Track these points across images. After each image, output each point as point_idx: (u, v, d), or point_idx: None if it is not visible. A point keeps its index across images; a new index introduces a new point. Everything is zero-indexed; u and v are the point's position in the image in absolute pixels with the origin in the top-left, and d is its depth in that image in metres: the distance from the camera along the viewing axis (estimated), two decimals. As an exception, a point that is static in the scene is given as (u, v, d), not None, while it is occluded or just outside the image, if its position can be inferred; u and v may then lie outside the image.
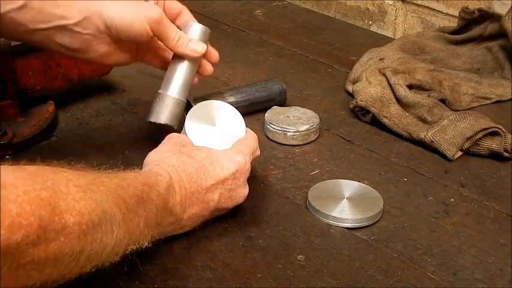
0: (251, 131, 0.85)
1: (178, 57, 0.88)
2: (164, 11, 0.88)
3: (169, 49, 0.87)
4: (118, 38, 0.82)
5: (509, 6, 1.14)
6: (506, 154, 0.95)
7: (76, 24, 0.79)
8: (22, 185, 0.51)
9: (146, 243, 0.68)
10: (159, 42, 0.87)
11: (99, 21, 0.80)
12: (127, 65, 0.91)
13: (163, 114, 0.87)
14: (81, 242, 0.55)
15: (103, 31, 0.81)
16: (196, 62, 0.89)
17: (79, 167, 0.63)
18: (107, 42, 0.83)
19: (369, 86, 1.03)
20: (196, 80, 0.91)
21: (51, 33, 0.78)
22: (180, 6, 0.90)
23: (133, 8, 0.82)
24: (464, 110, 1.06)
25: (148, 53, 0.91)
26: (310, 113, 1.02)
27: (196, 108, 0.85)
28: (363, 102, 1.02)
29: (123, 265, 0.67)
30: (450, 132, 0.95)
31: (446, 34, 1.24)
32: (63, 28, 0.79)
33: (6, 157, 0.92)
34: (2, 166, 0.51)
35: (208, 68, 0.91)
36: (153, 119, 0.87)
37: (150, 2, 0.86)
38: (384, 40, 1.33)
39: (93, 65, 1.02)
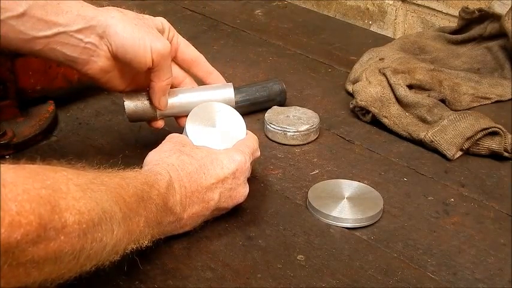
0: (251, 133, 0.85)
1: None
2: (177, 55, 0.87)
3: (151, 84, 0.84)
4: (116, 56, 0.80)
5: (509, 6, 1.14)
6: (506, 154, 0.95)
7: (78, 31, 0.78)
8: (22, 183, 0.51)
9: (146, 242, 0.68)
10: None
11: (103, 33, 0.79)
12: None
13: (134, 105, 0.86)
14: (81, 241, 0.55)
15: (105, 43, 0.80)
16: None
17: (79, 166, 0.63)
18: (107, 57, 0.81)
19: (369, 86, 1.03)
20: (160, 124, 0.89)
21: (52, 41, 0.77)
22: (196, 54, 0.89)
23: (142, 34, 0.79)
24: (464, 110, 1.06)
25: (143, 85, 0.87)
26: (310, 113, 1.02)
27: (197, 109, 0.85)
28: (363, 102, 1.03)
29: (123, 265, 0.67)
30: (450, 132, 0.95)
31: (446, 34, 1.24)
32: (64, 34, 0.77)
33: (6, 157, 0.93)
34: (2, 165, 0.51)
35: (159, 123, 0.89)
36: (127, 99, 0.86)
37: (160, 35, 0.83)
38: (383, 40, 1.33)
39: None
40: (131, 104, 0.86)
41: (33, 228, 0.50)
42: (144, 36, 0.79)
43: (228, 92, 0.88)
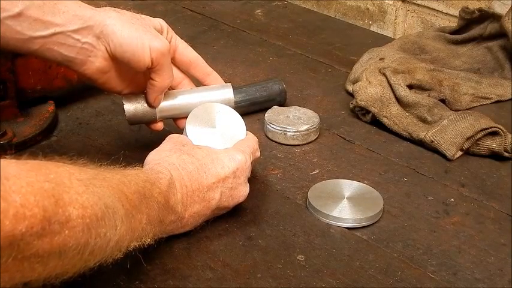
0: (251, 133, 0.85)
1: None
2: (175, 56, 0.87)
3: (151, 82, 0.83)
4: (115, 56, 0.80)
5: (509, 6, 1.14)
6: (506, 154, 0.95)
7: (75, 31, 0.78)
8: (25, 176, 0.51)
9: (149, 240, 0.68)
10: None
11: (101, 33, 0.79)
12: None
13: (134, 108, 0.86)
14: (86, 235, 0.55)
15: (102, 44, 0.79)
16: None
17: (81, 162, 0.63)
18: (105, 57, 0.81)
19: (369, 86, 1.03)
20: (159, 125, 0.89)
21: (49, 41, 0.77)
22: (194, 55, 0.88)
23: (140, 33, 0.79)
24: (464, 109, 1.06)
25: (142, 86, 0.87)
26: (310, 113, 1.02)
27: (196, 111, 0.85)
28: (363, 102, 1.03)
29: (124, 263, 0.67)
30: (450, 132, 0.95)
31: (446, 34, 1.24)
32: (61, 35, 0.77)
33: (6, 157, 0.92)
34: (3, 159, 0.51)
35: (158, 125, 0.89)
36: (127, 102, 0.86)
37: (159, 34, 0.83)
38: (383, 40, 1.33)
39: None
40: (131, 107, 0.86)
41: (38, 220, 0.50)
42: (142, 35, 0.79)
43: (227, 93, 0.88)
